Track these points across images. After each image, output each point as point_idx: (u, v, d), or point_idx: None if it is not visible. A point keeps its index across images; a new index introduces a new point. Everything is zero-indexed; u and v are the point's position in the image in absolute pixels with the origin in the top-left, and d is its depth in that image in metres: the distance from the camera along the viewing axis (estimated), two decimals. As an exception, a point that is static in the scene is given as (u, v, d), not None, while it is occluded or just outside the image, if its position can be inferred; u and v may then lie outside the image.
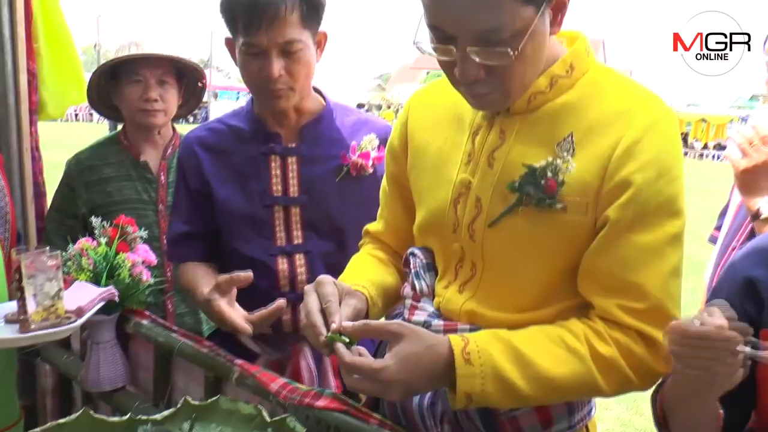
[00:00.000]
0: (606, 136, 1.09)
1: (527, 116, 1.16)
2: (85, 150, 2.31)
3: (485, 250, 1.20)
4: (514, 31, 1.02)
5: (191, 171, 1.79)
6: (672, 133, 1.11)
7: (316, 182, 1.73)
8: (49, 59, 2.24)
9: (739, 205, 1.94)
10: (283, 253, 1.73)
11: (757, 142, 1.72)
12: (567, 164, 1.09)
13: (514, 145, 1.16)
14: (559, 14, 1.08)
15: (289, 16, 1.55)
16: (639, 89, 1.15)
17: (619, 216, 1.07)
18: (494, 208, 1.17)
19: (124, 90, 2.20)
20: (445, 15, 1.04)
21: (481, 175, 1.19)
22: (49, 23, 2.24)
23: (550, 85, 1.15)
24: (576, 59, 1.16)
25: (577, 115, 1.12)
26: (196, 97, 2.41)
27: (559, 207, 1.10)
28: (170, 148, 2.33)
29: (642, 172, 1.06)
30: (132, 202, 2.22)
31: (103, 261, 1.67)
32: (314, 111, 1.78)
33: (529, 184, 1.11)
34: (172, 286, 2.25)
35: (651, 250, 1.08)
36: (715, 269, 1.97)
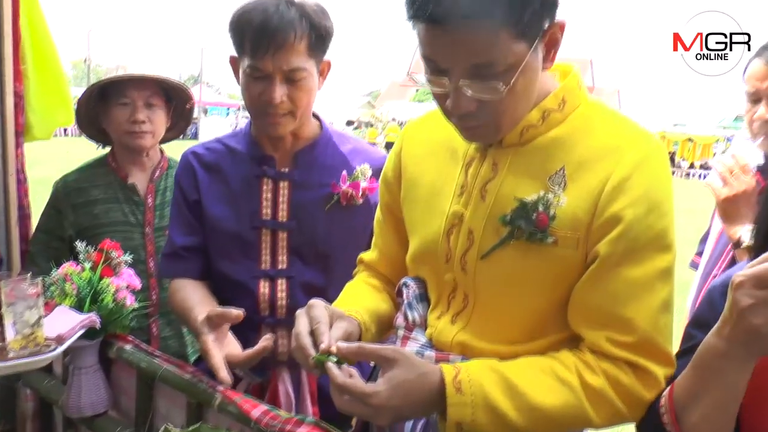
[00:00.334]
0: (597, 172, 1.10)
1: (519, 149, 1.18)
2: (73, 172, 2.30)
3: (477, 282, 1.21)
4: (507, 65, 1.03)
5: (189, 185, 1.79)
6: (662, 168, 1.13)
7: (305, 208, 1.73)
8: (36, 81, 2.23)
9: (720, 231, 1.96)
10: (266, 276, 1.73)
11: (737, 171, 1.75)
12: (558, 198, 1.11)
13: (507, 177, 1.17)
14: (552, 50, 1.10)
15: (297, 44, 1.56)
16: (629, 125, 1.17)
17: (610, 251, 1.08)
18: (486, 241, 1.18)
19: (112, 112, 2.20)
20: (438, 48, 1.05)
21: (473, 207, 1.20)
22: (37, 45, 2.23)
23: (542, 119, 1.16)
24: (568, 94, 1.18)
25: (569, 150, 1.14)
26: (184, 119, 2.41)
27: (551, 241, 1.11)
28: (158, 170, 2.33)
29: (632, 208, 1.08)
30: (119, 225, 2.22)
31: (87, 286, 1.66)
32: (310, 137, 1.78)
33: (521, 217, 1.13)
34: (157, 309, 2.25)
35: (641, 284, 1.09)
36: (697, 296, 1.99)
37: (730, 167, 1.76)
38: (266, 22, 1.53)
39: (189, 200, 1.80)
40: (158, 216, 2.27)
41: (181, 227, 1.82)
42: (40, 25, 2.23)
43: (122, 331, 1.76)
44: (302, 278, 1.73)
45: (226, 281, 1.77)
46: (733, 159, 1.77)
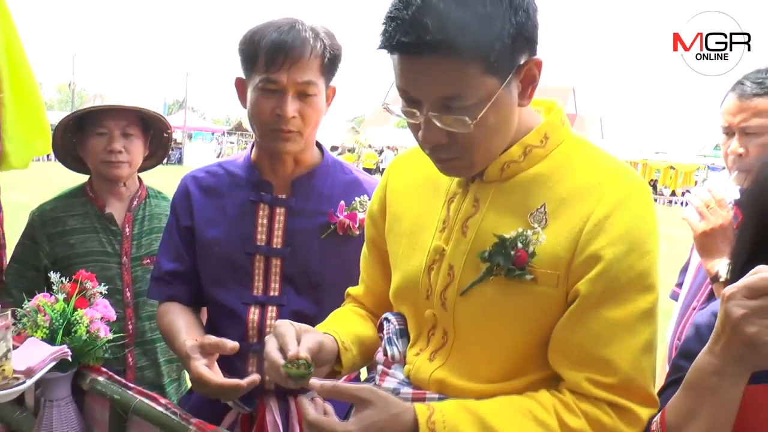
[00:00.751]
0: (578, 209, 1.10)
1: (501, 185, 1.18)
2: (50, 201, 2.29)
3: (456, 319, 1.20)
4: (476, 100, 1.04)
5: (183, 210, 1.80)
6: (643, 207, 1.12)
7: (300, 236, 1.72)
8: (13, 109, 2.22)
9: (699, 264, 1.96)
10: (257, 303, 1.72)
11: (713, 206, 1.76)
12: (537, 236, 1.10)
13: (488, 214, 1.17)
14: (529, 87, 1.10)
15: (311, 60, 1.60)
16: (612, 162, 1.16)
17: (590, 290, 1.08)
18: (466, 277, 1.17)
19: (89, 142, 2.20)
20: (409, 79, 1.06)
21: (454, 243, 1.20)
22: (15, 73, 2.22)
23: (524, 155, 1.16)
24: (550, 130, 1.18)
25: (551, 186, 1.14)
26: (162, 148, 2.40)
27: (529, 278, 1.11)
28: (136, 199, 2.32)
29: (612, 247, 1.07)
30: (95, 255, 2.20)
31: (59, 318, 1.65)
32: (311, 164, 1.78)
33: (499, 254, 1.12)
34: (134, 339, 2.23)
35: (622, 325, 1.08)
36: (677, 328, 1.99)
37: (706, 201, 1.77)
38: (283, 37, 1.57)
39: (180, 226, 1.80)
40: (135, 245, 2.26)
41: (169, 252, 1.82)
42: (17, 53, 2.22)
43: (96, 362, 1.74)
44: (293, 307, 1.72)
45: (216, 307, 1.77)
46: (709, 193, 1.78)
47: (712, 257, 1.76)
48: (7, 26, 2.19)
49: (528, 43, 1.06)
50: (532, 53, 1.08)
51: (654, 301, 1.11)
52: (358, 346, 1.38)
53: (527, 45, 1.06)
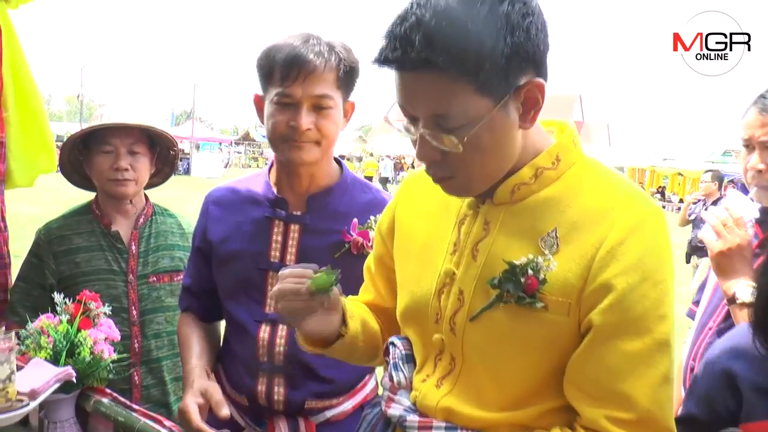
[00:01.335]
0: (590, 235, 1.07)
1: (511, 207, 1.15)
2: (56, 219, 2.28)
3: (465, 345, 1.17)
4: (467, 119, 1.02)
5: (199, 228, 1.86)
6: (657, 233, 1.09)
7: (313, 253, 1.71)
8: (18, 128, 2.22)
9: (716, 284, 1.90)
10: (268, 321, 1.73)
11: (731, 225, 1.72)
12: (548, 262, 1.07)
13: (498, 237, 1.15)
14: (531, 110, 1.07)
15: (325, 73, 1.61)
16: (625, 186, 1.14)
17: (603, 322, 1.05)
18: (476, 302, 1.14)
19: (95, 160, 2.19)
20: (404, 95, 1.06)
21: (465, 266, 1.18)
22: (20, 91, 2.22)
23: (535, 177, 1.13)
24: (562, 151, 1.15)
25: (562, 210, 1.11)
26: (169, 165, 2.40)
27: (540, 306, 1.08)
28: (142, 217, 2.31)
29: (625, 276, 1.04)
30: (101, 273, 2.19)
31: (63, 340, 1.64)
32: (328, 182, 1.79)
33: (509, 281, 1.09)
34: (140, 358, 2.21)
35: (639, 357, 1.05)
36: (692, 348, 1.93)
37: (723, 220, 1.73)
38: (297, 51, 1.60)
39: (195, 244, 1.88)
40: (141, 263, 2.25)
41: (188, 268, 1.95)
42: (23, 72, 2.23)
43: (99, 383, 1.73)
44: None
45: (231, 322, 1.81)
46: (727, 212, 1.73)
47: (729, 278, 1.72)
48: (12, 45, 2.20)
49: (528, 64, 1.03)
50: (534, 75, 1.05)
51: (669, 330, 1.08)
52: (360, 323, 1.38)
53: (527, 66, 1.03)
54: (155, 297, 2.24)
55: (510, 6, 0.99)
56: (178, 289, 2.26)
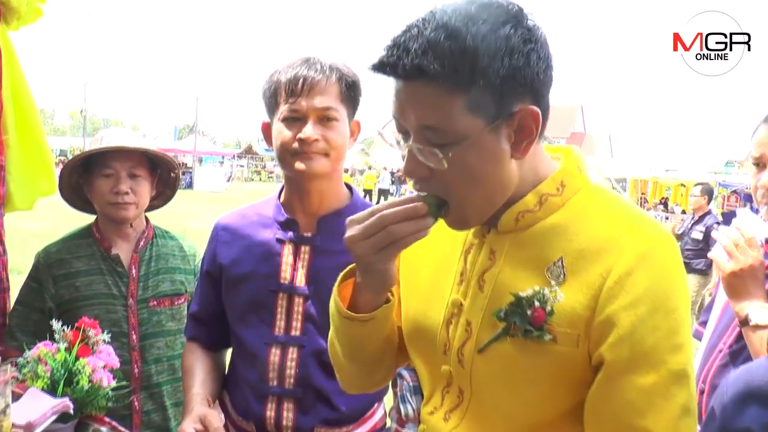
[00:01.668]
0: (597, 264, 1.04)
1: (517, 236, 1.13)
2: (56, 243, 2.26)
3: (473, 377, 1.14)
4: (454, 136, 1.01)
5: (208, 254, 1.88)
6: (666, 260, 1.05)
7: (324, 275, 1.71)
8: (18, 151, 2.20)
9: (725, 304, 1.87)
10: (278, 343, 1.72)
11: (743, 245, 1.69)
12: (555, 293, 1.05)
13: (504, 267, 1.12)
14: (524, 140, 1.05)
15: (328, 86, 1.68)
16: (632, 213, 1.11)
17: (615, 357, 1.02)
18: (484, 333, 1.12)
19: (95, 183, 2.17)
20: (398, 105, 1.06)
21: (472, 297, 1.15)
22: (20, 114, 2.21)
23: (540, 204, 1.11)
24: (567, 177, 1.13)
25: (569, 238, 1.08)
26: (170, 188, 2.38)
27: (548, 338, 1.05)
28: (143, 240, 2.29)
29: (633, 309, 1.01)
30: (101, 297, 2.17)
31: (61, 368, 1.61)
32: (338, 204, 1.80)
33: (515, 314, 1.07)
34: (140, 383, 2.18)
35: (656, 391, 1.01)
36: (701, 370, 1.90)
37: (735, 240, 1.70)
38: (299, 69, 1.67)
39: (203, 269, 1.89)
40: (142, 287, 2.22)
41: (196, 295, 1.95)
42: (23, 94, 2.22)
43: (98, 412, 1.71)
44: (314, 347, 1.72)
45: (239, 347, 1.80)
46: (738, 232, 1.71)
47: (742, 299, 1.69)
48: (12, 68, 2.19)
49: (525, 91, 1.02)
50: (531, 104, 1.03)
51: (687, 360, 1.04)
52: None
53: (524, 92, 1.02)
54: (155, 321, 2.21)
55: (513, 30, 0.99)
56: (179, 313, 2.26)
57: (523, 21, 1.02)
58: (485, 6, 1.01)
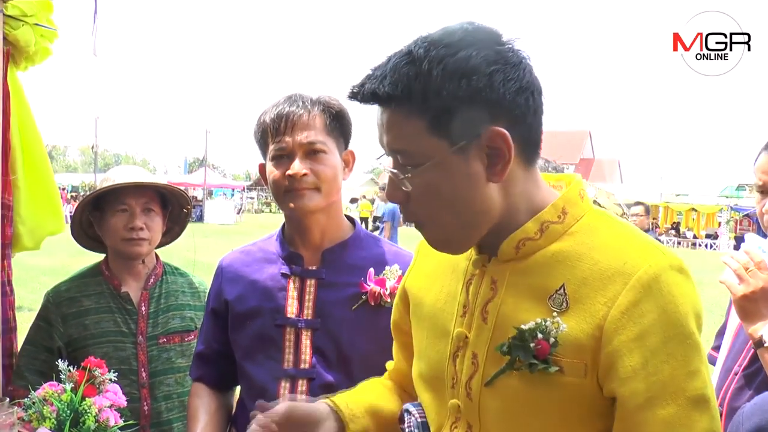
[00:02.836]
0: (601, 293, 1.02)
1: (518, 265, 1.11)
2: (65, 282, 2.26)
3: (482, 411, 1.12)
4: (420, 158, 1.03)
5: (213, 292, 1.88)
6: (676, 285, 1.02)
7: (331, 307, 1.72)
8: (26, 191, 2.22)
9: (738, 327, 1.89)
10: (287, 376, 1.72)
11: (753, 268, 1.70)
12: (557, 324, 1.02)
13: (506, 298, 1.11)
14: (498, 164, 1.04)
15: (311, 120, 1.69)
16: (637, 239, 1.08)
17: (630, 391, 0.99)
18: (491, 366, 1.10)
19: (109, 220, 2.17)
20: (378, 129, 1.09)
21: (476, 330, 1.13)
22: (28, 155, 2.23)
23: (540, 231, 1.10)
24: (568, 204, 1.11)
25: (571, 265, 1.06)
26: (180, 224, 2.39)
27: (555, 370, 1.02)
28: (153, 277, 2.28)
29: (644, 340, 0.99)
30: (110, 335, 2.16)
31: (67, 409, 1.60)
32: (340, 236, 1.80)
33: (519, 348, 1.04)
34: (149, 420, 2.16)
35: (677, 421, 0.98)
36: (717, 393, 1.90)
37: (744, 264, 1.71)
38: (281, 107, 1.70)
39: (209, 307, 1.90)
40: (151, 324, 2.21)
41: (201, 335, 1.95)
42: (31, 135, 2.24)
43: (105, 452, 1.67)
44: (323, 380, 1.71)
45: (248, 383, 1.79)
46: (747, 256, 1.72)
47: (754, 321, 1.69)
48: (21, 109, 2.22)
49: (496, 113, 1.01)
50: (505, 126, 1.02)
51: (704, 384, 1.01)
52: (371, 415, 1.35)
53: (495, 115, 1.01)
54: (165, 358, 2.20)
55: (475, 51, 1.00)
56: (189, 350, 2.24)
57: (493, 44, 1.02)
58: (450, 31, 1.03)
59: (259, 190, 51.67)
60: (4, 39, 2.09)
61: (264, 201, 50.58)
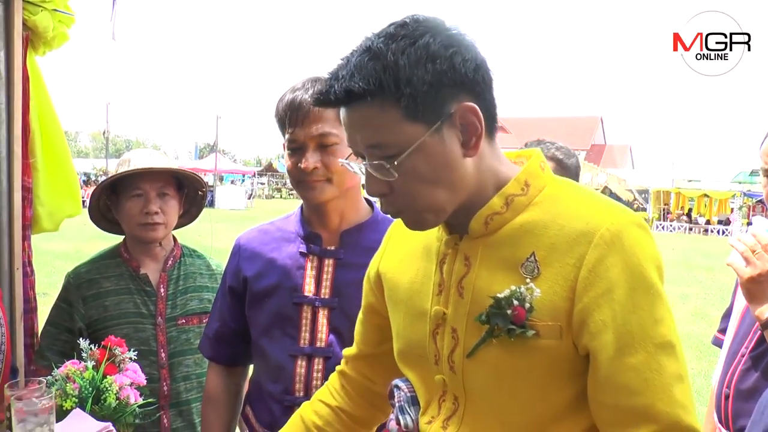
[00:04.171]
0: (569, 255, 1.07)
1: (488, 239, 1.16)
2: (85, 263, 2.29)
3: (466, 382, 1.17)
4: (401, 146, 1.06)
5: (230, 270, 1.89)
6: (637, 239, 1.08)
7: (348, 287, 1.73)
8: (45, 174, 2.25)
9: (744, 309, 1.90)
10: (303, 354, 1.74)
11: (759, 251, 1.71)
12: (531, 291, 1.08)
13: (480, 271, 1.15)
14: (472, 137, 1.09)
15: (323, 112, 1.65)
16: (598, 201, 1.14)
17: (601, 344, 1.05)
18: (470, 338, 1.15)
19: (125, 205, 2.20)
20: (347, 132, 1.11)
21: (453, 305, 1.18)
22: (47, 138, 2.26)
23: (506, 205, 1.14)
24: (530, 177, 1.16)
25: (538, 234, 1.11)
26: (196, 206, 2.41)
27: (532, 334, 1.07)
28: (171, 259, 2.31)
29: (611, 293, 1.04)
30: (129, 316, 2.19)
31: (89, 386, 1.63)
32: (359, 219, 1.82)
33: (497, 316, 1.09)
34: (168, 401, 2.20)
35: (646, 367, 1.04)
36: (724, 375, 1.92)
37: (751, 246, 1.72)
38: (294, 96, 1.69)
39: (225, 287, 1.90)
40: (170, 306, 2.24)
41: (215, 313, 1.95)
42: (50, 118, 2.26)
43: (126, 429, 1.72)
44: (340, 358, 1.71)
45: (264, 361, 1.82)
46: (754, 238, 1.73)
47: (761, 303, 1.71)
48: (40, 93, 2.24)
49: (459, 91, 1.06)
50: (469, 100, 1.07)
51: (670, 330, 1.06)
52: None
53: (458, 92, 1.06)
54: (184, 339, 2.23)
55: (431, 38, 1.05)
56: (208, 331, 2.27)
57: (443, 30, 1.07)
58: (403, 24, 1.07)
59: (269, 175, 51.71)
60: (23, 24, 2.12)
61: (275, 186, 50.64)
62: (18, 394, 1.46)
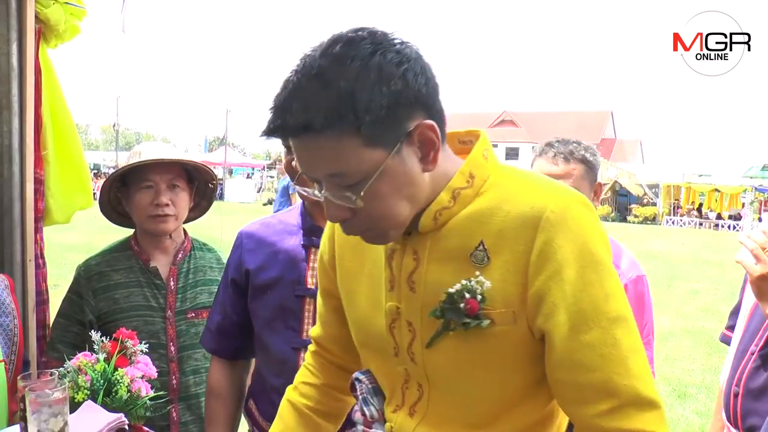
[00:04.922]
0: (517, 241, 1.07)
1: (437, 234, 1.16)
2: (96, 256, 2.29)
3: (428, 371, 1.19)
4: (362, 174, 1.03)
5: (233, 262, 1.91)
6: (582, 218, 1.08)
7: None
8: (56, 166, 2.26)
9: (753, 306, 1.88)
10: (306, 346, 1.72)
11: None
12: (481, 283, 1.08)
13: (429, 266, 1.15)
14: (430, 152, 1.07)
15: None
16: (543, 184, 1.13)
17: (554, 325, 1.06)
18: (427, 330, 1.16)
19: (135, 196, 2.19)
20: (301, 162, 1.07)
21: (406, 300, 1.18)
22: (58, 130, 2.27)
23: (453, 199, 1.14)
24: (474, 168, 1.15)
25: (486, 222, 1.11)
26: (207, 199, 2.40)
27: (486, 323, 1.08)
28: (181, 252, 2.31)
29: (561, 273, 1.05)
30: (139, 309, 2.19)
31: (100, 379, 1.64)
32: None
33: (450, 311, 1.10)
34: (178, 394, 2.21)
35: (601, 343, 1.05)
36: (733, 373, 1.90)
37: (761, 243, 1.70)
38: None
39: (228, 279, 1.91)
40: (180, 299, 2.25)
41: (217, 306, 1.97)
42: (61, 111, 2.27)
43: (137, 421, 1.73)
44: None
45: (266, 354, 1.83)
46: (764, 236, 1.70)
47: None
48: (52, 85, 2.25)
49: (415, 108, 1.04)
50: (424, 117, 1.05)
51: (621, 305, 1.07)
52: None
53: (414, 110, 1.04)
54: (193, 333, 2.23)
55: (382, 57, 1.00)
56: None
57: (390, 45, 1.03)
58: (349, 42, 1.01)
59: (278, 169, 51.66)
60: (35, 17, 2.12)
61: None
62: (32, 386, 1.47)
